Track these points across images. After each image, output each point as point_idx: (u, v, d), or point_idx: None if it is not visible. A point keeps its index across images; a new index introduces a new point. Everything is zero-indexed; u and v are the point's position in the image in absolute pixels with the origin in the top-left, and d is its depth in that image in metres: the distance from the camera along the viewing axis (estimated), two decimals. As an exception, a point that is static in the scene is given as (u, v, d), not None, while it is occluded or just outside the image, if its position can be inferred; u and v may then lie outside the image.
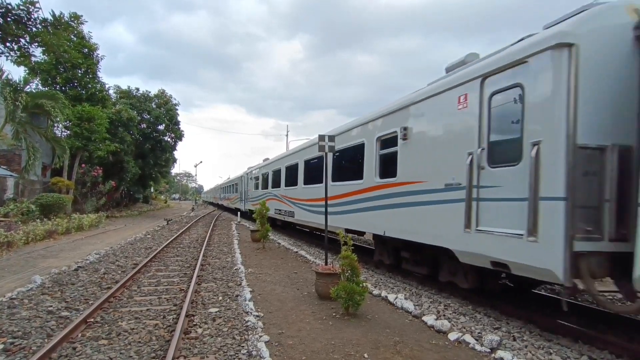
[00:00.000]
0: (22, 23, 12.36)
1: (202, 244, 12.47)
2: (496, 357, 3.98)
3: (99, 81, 24.44)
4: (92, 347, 4.11)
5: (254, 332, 4.57)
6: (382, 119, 7.85)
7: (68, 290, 6.44)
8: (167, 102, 34.37)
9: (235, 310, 5.48)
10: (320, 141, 7.71)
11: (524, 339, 4.52)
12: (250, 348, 4.08)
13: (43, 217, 15.46)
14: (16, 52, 13.24)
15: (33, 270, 8.08)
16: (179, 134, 35.83)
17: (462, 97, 5.48)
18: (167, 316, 5.21)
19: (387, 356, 4.03)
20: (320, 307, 5.76)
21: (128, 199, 37.73)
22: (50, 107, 16.55)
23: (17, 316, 5.04)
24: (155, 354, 3.98)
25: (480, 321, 5.16)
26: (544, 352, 4.14)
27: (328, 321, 5.14)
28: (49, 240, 13.02)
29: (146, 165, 33.84)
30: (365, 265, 8.92)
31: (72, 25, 13.72)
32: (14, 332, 4.45)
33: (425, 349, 4.25)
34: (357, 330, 4.78)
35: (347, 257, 5.46)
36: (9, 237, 10.82)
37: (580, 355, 4.07)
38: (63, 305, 5.60)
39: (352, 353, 4.08)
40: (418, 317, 5.30)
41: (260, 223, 12.11)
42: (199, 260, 9.02)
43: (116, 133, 25.03)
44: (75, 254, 10.44)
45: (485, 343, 4.27)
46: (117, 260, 9.41)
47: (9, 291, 6.27)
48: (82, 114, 20.89)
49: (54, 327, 4.71)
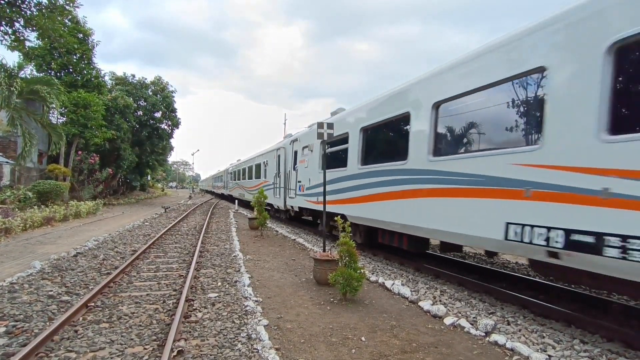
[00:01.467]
0: (16, 6, 12.14)
1: (200, 231, 12.52)
2: (490, 341, 4.08)
3: (95, 67, 24.13)
4: (93, 330, 4.16)
5: (253, 316, 4.64)
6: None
7: (68, 276, 6.48)
8: (163, 89, 34.01)
9: (234, 295, 5.55)
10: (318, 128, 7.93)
11: (517, 323, 4.62)
12: (250, 331, 4.15)
13: (40, 204, 15.42)
14: (10, 36, 13.02)
15: (32, 256, 8.10)
16: (175, 122, 35.58)
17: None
18: (167, 301, 5.27)
19: (384, 340, 4.11)
20: (318, 293, 5.84)
21: (125, 186, 37.63)
22: (46, 93, 16.35)
23: (18, 300, 5.08)
24: (156, 336, 4.05)
25: (475, 306, 5.26)
26: (537, 335, 4.23)
27: (326, 306, 5.22)
28: (47, 227, 13.02)
29: (143, 152, 33.70)
30: (363, 253, 9.01)
31: (67, 9, 13.47)
32: (15, 316, 4.50)
33: (421, 332, 4.34)
34: (354, 315, 4.87)
35: (345, 244, 5.53)
36: (7, 223, 10.82)
37: (573, 339, 4.16)
38: (63, 290, 5.65)
39: (350, 336, 4.17)
40: (414, 303, 5.39)
41: (257, 211, 12.17)
42: (197, 247, 9.07)
43: (112, 120, 24.84)
44: (74, 240, 10.46)
45: (480, 327, 4.37)
46: (115, 246, 9.45)
47: (9, 276, 6.31)
48: (78, 101, 20.68)
49: (55, 310, 4.76)
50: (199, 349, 3.76)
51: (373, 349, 3.87)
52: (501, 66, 4.82)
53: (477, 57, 5.31)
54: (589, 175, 3.72)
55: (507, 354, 3.80)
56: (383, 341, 4.07)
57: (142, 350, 3.74)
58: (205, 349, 3.76)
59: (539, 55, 4.32)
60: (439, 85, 6.04)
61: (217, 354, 3.64)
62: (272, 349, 3.75)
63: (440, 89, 5.96)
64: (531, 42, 4.44)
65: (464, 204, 5.30)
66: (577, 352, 3.84)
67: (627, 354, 3.80)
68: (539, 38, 4.34)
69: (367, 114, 8.31)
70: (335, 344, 3.98)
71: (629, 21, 3.47)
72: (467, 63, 5.48)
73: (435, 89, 6.11)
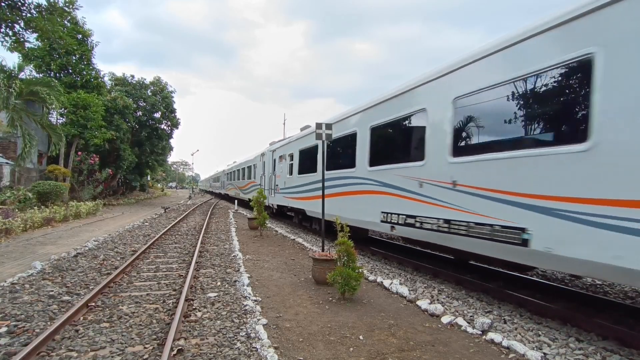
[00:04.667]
0: (17, 8, 12.18)
1: (200, 231, 12.57)
2: (487, 339, 4.13)
3: (94, 68, 24.16)
4: (94, 330, 4.21)
5: (252, 315, 4.68)
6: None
7: (68, 276, 6.53)
8: (163, 89, 34.00)
9: (233, 295, 5.59)
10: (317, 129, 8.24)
11: (514, 321, 4.67)
12: (249, 330, 4.20)
13: (40, 204, 15.46)
14: (11, 37, 13.06)
15: (32, 257, 8.15)
16: (175, 122, 35.57)
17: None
18: (166, 300, 5.32)
19: (382, 338, 4.16)
20: (317, 292, 5.89)
21: (125, 187, 37.64)
22: (46, 94, 16.39)
23: (19, 300, 5.13)
24: (156, 335, 4.09)
25: (472, 305, 5.31)
26: (533, 333, 4.28)
27: (324, 305, 5.27)
28: (47, 228, 13.06)
29: (143, 153, 33.70)
30: (361, 252, 9.06)
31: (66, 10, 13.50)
32: (17, 316, 4.55)
33: (418, 331, 4.38)
34: (352, 314, 4.91)
35: (343, 244, 5.57)
36: (7, 224, 10.86)
37: (568, 337, 4.21)
38: (64, 290, 5.69)
39: (348, 335, 4.21)
40: (412, 302, 5.44)
41: (257, 211, 12.22)
42: (197, 247, 9.12)
43: (112, 121, 24.86)
44: (74, 240, 10.51)
45: (477, 325, 4.41)
46: (115, 247, 9.49)
47: (10, 276, 6.35)
48: (78, 101, 20.71)
49: (56, 310, 4.81)
50: (198, 347, 3.81)
51: (371, 347, 3.92)
52: (403, 109, 7.12)
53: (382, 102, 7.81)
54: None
55: (503, 352, 3.85)
56: (381, 340, 4.12)
57: (142, 349, 3.78)
58: (204, 347, 3.81)
59: (422, 102, 6.53)
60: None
61: (216, 353, 3.69)
62: (271, 347, 3.79)
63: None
64: (417, 92, 6.73)
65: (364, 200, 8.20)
66: (572, 350, 3.89)
67: (622, 351, 3.85)
68: (422, 90, 6.60)
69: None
70: (334, 342, 4.03)
71: (462, 87, 5.55)
72: (383, 102, 7.80)
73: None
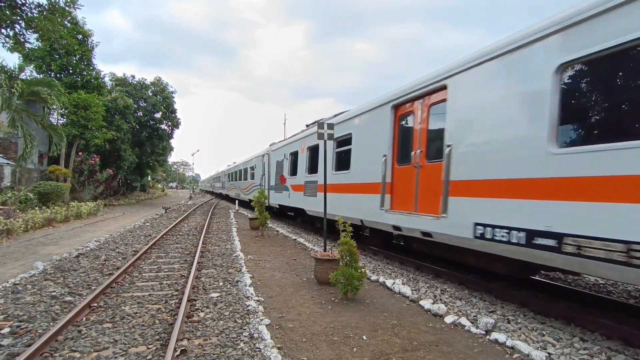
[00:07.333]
0: (17, 8, 12.17)
1: (201, 231, 12.56)
2: (491, 339, 4.12)
3: (94, 68, 24.15)
4: (97, 330, 4.20)
5: (255, 315, 4.67)
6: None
7: (70, 276, 6.52)
8: (163, 89, 34.00)
9: (236, 295, 5.58)
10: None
11: (518, 321, 4.66)
12: (252, 331, 4.19)
13: (41, 205, 15.46)
14: (11, 38, 13.06)
15: (34, 257, 8.14)
16: (175, 122, 35.56)
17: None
18: (169, 301, 5.31)
19: (385, 338, 4.15)
20: (319, 292, 5.87)
21: (125, 187, 37.67)
22: (47, 95, 16.38)
23: (21, 301, 5.12)
24: (159, 336, 4.08)
25: (475, 305, 5.29)
26: (537, 333, 4.27)
27: (327, 305, 5.25)
28: (48, 228, 13.06)
29: (143, 153, 33.69)
30: (363, 252, 9.05)
31: (67, 10, 13.49)
32: (19, 316, 4.54)
33: (422, 331, 4.37)
34: (355, 314, 4.90)
35: (345, 244, 5.56)
36: (9, 224, 10.85)
37: (572, 336, 4.20)
38: (66, 291, 5.68)
39: (351, 335, 4.20)
40: (415, 302, 5.43)
41: (258, 211, 12.20)
42: (198, 248, 9.11)
43: (112, 121, 24.86)
44: (75, 241, 10.50)
45: (480, 325, 4.40)
46: (117, 247, 9.49)
47: (12, 277, 6.35)
48: (78, 102, 20.70)
49: (59, 311, 4.80)
50: (201, 348, 3.79)
51: (374, 347, 3.91)
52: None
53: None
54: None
55: (507, 352, 3.83)
56: (384, 340, 4.11)
57: (145, 349, 3.77)
58: (208, 348, 3.79)
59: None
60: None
61: (220, 353, 3.67)
62: (274, 348, 3.78)
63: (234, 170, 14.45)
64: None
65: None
66: (576, 350, 3.87)
67: (627, 351, 3.83)
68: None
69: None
70: (337, 342, 4.02)
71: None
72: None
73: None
